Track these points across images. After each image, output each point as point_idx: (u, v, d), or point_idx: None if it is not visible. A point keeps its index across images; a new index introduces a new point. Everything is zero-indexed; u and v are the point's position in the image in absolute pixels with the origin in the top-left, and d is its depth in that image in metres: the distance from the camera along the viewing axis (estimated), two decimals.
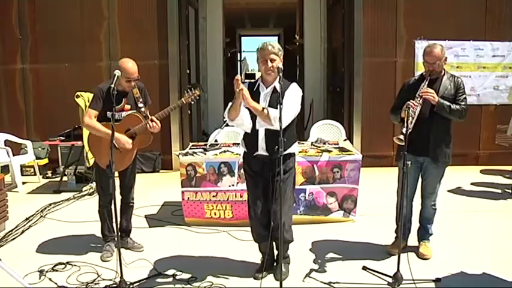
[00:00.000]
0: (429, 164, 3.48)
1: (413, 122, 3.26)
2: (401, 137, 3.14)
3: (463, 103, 3.41)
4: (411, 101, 3.24)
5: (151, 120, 3.48)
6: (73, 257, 3.67)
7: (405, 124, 3.15)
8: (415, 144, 3.25)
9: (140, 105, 3.58)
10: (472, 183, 5.82)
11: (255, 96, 3.11)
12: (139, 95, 3.59)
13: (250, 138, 3.19)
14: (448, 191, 5.41)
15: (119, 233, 3.22)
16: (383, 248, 3.76)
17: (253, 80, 3.28)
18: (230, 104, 3.05)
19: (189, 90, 3.56)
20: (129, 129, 3.56)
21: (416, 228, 3.75)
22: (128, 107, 3.60)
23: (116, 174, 3.79)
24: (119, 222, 3.41)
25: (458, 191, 5.48)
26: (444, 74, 3.48)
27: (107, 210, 3.73)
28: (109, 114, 3.57)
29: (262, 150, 3.13)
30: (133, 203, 3.85)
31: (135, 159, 3.76)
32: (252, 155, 3.19)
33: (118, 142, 3.48)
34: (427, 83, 3.34)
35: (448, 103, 3.35)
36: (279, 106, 2.80)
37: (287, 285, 3.11)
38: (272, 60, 3.03)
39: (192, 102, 3.62)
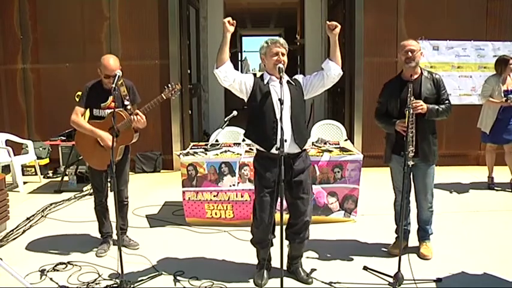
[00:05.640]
0: (419, 163, 3.46)
1: (414, 139, 3.24)
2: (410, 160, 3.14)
3: (447, 101, 3.43)
4: (407, 123, 3.19)
5: (136, 114, 3.48)
6: (74, 256, 3.68)
7: (408, 143, 3.16)
8: (404, 146, 3.23)
9: (126, 102, 3.58)
10: (472, 183, 5.82)
11: (267, 89, 3.06)
12: (127, 93, 3.60)
13: (268, 130, 3.00)
14: (449, 191, 5.41)
15: (119, 232, 3.21)
16: (384, 247, 3.76)
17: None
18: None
19: (169, 85, 3.54)
20: (113, 126, 3.56)
21: (416, 230, 3.74)
22: (114, 104, 3.61)
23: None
24: (116, 222, 3.42)
25: (458, 191, 5.47)
26: (422, 73, 3.47)
27: (101, 208, 3.79)
28: (95, 111, 3.63)
29: (288, 143, 2.99)
30: (127, 201, 3.86)
31: (125, 158, 3.77)
32: (269, 152, 3.02)
33: (101, 141, 3.55)
34: (411, 90, 3.23)
35: (436, 107, 3.35)
36: (280, 105, 2.82)
37: (287, 285, 3.11)
38: (282, 54, 3.04)
39: (173, 98, 3.61)
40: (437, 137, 3.52)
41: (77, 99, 5.38)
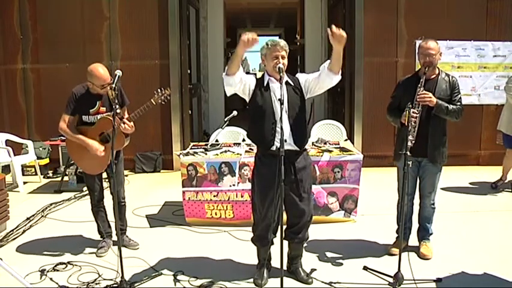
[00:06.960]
0: (427, 163, 3.47)
1: (416, 131, 3.25)
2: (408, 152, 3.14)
3: (458, 103, 3.41)
4: (412, 110, 3.19)
5: (124, 123, 3.46)
6: (74, 256, 3.68)
7: (408, 132, 3.15)
8: (413, 145, 3.25)
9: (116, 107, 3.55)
10: (472, 183, 5.82)
11: (266, 90, 3.06)
12: (114, 96, 3.57)
13: (267, 131, 3.01)
14: (449, 191, 5.41)
15: (119, 233, 3.21)
16: (384, 247, 3.76)
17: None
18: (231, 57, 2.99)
19: (158, 90, 3.52)
20: (103, 132, 3.55)
21: (416, 230, 3.74)
22: (103, 109, 3.59)
23: (105, 175, 3.81)
24: (115, 222, 3.41)
25: (458, 191, 5.48)
26: (439, 74, 3.47)
27: (97, 208, 3.80)
28: (84, 118, 3.59)
29: (287, 143, 2.98)
30: (124, 202, 3.86)
31: (118, 159, 3.73)
32: (267, 151, 3.02)
33: (89, 149, 3.51)
34: (423, 84, 3.28)
35: (445, 104, 3.35)
36: (280, 105, 2.81)
37: (287, 285, 3.11)
38: (282, 57, 3.02)
39: (163, 103, 3.57)
40: (447, 139, 3.50)
41: None
